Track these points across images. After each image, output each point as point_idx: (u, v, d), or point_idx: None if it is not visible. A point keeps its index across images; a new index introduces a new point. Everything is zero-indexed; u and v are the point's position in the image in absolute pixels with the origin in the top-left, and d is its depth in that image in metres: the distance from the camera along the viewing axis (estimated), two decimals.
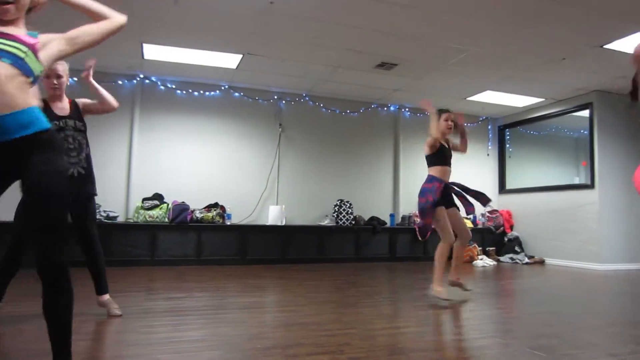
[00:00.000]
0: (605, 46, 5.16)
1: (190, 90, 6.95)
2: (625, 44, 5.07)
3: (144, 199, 6.40)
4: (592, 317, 3.46)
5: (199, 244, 6.33)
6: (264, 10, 4.53)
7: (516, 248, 7.89)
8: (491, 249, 7.93)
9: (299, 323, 3.01)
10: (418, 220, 4.29)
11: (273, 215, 6.90)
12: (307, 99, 7.58)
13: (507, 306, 3.92)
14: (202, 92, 7.01)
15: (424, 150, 4.13)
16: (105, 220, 6.03)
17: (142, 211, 6.28)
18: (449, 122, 4.07)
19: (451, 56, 5.67)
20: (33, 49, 1.68)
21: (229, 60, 6.02)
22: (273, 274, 5.60)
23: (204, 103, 7.03)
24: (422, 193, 3.97)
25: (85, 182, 3.07)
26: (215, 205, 6.67)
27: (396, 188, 8.05)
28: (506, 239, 8.06)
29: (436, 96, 7.49)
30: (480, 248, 7.72)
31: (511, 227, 8.28)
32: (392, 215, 7.75)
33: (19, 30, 1.72)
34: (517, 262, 7.57)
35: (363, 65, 6.08)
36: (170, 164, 6.79)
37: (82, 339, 2.52)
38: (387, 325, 3.05)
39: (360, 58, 5.82)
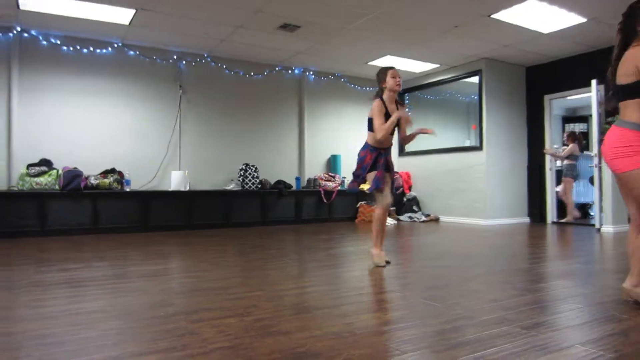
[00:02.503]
0: (493, 16, 5.51)
1: (78, 47, 6.35)
2: (510, 15, 5.47)
3: (29, 165, 5.84)
4: (478, 268, 3.82)
5: (95, 212, 5.96)
6: None
7: (414, 207, 8.42)
8: (392, 209, 8.38)
9: (204, 288, 2.98)
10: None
11: (175, 181, 6.66)
12: (208, 59, 7.28)
13: (405, 262, 4.19)
14: (91, 49, 6.44)
15: (368, 114, 3.86)
16: None
17: (27, 178, 5.75)
18: (397, 79, 3.79)
19: (352, 20, 5.72)
20: None
21: (121, 15, 5.56)
22: (177, 240, 5.46)
23: (95, 61, 6.47)
24: (358, 161, 3.86)
25: None
26: (112, 171, 6.29)
27: (301, 151, 8.12)
28: (405, 199, 8.55)
29: (340, 60, 7.58)
30: None
31: (410, 188, 8.79)
32: (297, 179, 7.84)
33: None
34: (415, 221, 8.09)
35: (265, 26, 5.94)
36: (59, 127, 6.23)
37: None
38: (293, 285, 3.13)
39: (262, 18, 5.67)
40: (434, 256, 4.46)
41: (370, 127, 3.86)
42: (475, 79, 7.75)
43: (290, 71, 8.03)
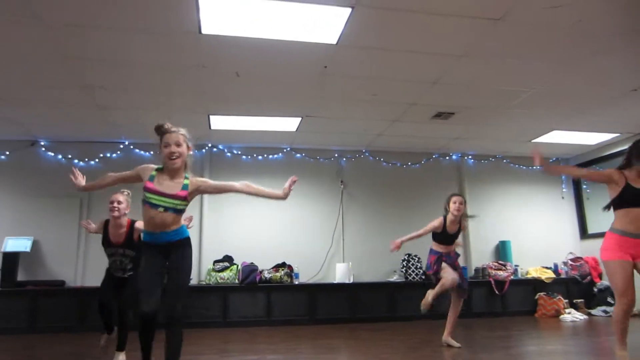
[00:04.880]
0: None
1: (254, 155, 7.24)
2: None
3: (215, 261, 6.57)
4: None
5: (269, 304, 6.33)
6: (318, 74, 4.71)
7: (609, 299, 7.17)
8: (579, 301, 7.26)
9: None
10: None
11: (340, 273, 6.81)
12: (367, 154, 7.63)
13: None
14: (265, 155, 7.27)
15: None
16: None
17: (213, 273, 6.44)
18: (457, 205, 4.49)
19: (511, 99, 5.54)
20: (185, 200, 2.92)
21: (289, 124, 6.25)
22: (343, 334, 5.45)
23: (268, 166, 7.27)
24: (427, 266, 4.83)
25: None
26: (283, 264, 6.71)
27: (466, 239, 7.72)
28: (596, 289, 7.37)
29: (500, 141, 7.30)
30: (566, 301, 7.09)
31: (600, 276, 7.59)
32: (464, 268, 7.39)
33: (180, 179, 2.95)
34: (611, 315, 6.88)
35: (420, 117, 6.07)
36: (239, 226, 6.98)
37: None
38: None
39: (416, 110, 5.82)
40: None
41: (434, 237, 4.73)
42: None
43: (447, 157, 7.96)
